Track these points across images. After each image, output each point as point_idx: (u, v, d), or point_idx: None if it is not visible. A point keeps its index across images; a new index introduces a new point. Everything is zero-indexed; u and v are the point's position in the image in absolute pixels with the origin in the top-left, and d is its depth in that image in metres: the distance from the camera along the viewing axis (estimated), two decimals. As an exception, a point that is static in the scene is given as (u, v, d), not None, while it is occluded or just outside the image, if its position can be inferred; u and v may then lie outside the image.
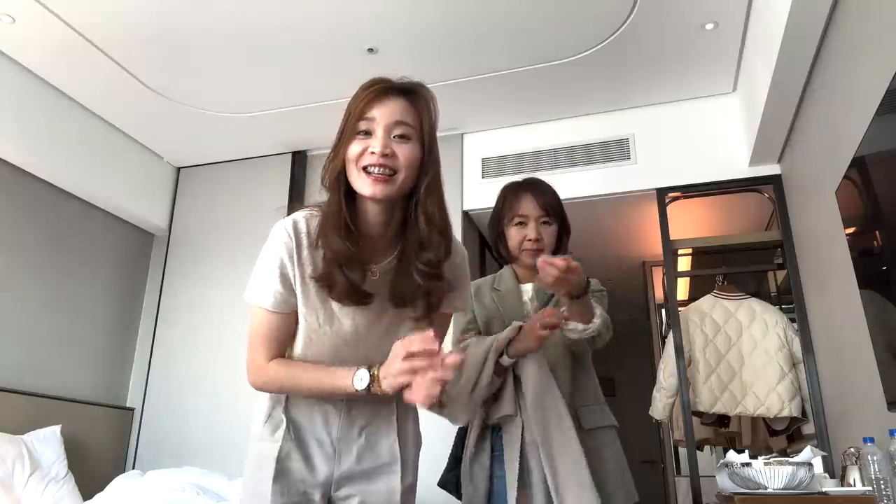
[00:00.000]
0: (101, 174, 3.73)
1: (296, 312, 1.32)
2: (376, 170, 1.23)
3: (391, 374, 1.18)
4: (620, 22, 2.92)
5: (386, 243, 1.34)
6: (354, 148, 1.26)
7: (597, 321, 1.69)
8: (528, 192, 1.92)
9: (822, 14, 2.24)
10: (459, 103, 3.56)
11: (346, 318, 1.32)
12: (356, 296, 1.27)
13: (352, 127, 1.27)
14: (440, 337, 1.41)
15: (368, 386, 1.22)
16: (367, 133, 1.26)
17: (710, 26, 2.93)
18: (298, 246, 1.28)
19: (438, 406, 1.29)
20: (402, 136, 1.25)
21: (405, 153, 1.25)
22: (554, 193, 1.94)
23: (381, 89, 1.27)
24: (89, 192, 3.69)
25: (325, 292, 1.29)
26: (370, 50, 3.11)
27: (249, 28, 2.95)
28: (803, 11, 2.21)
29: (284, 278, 1.29)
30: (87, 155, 3.63)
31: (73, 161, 3.54)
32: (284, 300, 1.30)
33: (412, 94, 1.30)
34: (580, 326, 1.68)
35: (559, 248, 1.91)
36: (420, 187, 1.28)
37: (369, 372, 1.22)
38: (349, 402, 1.36)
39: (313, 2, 2.79)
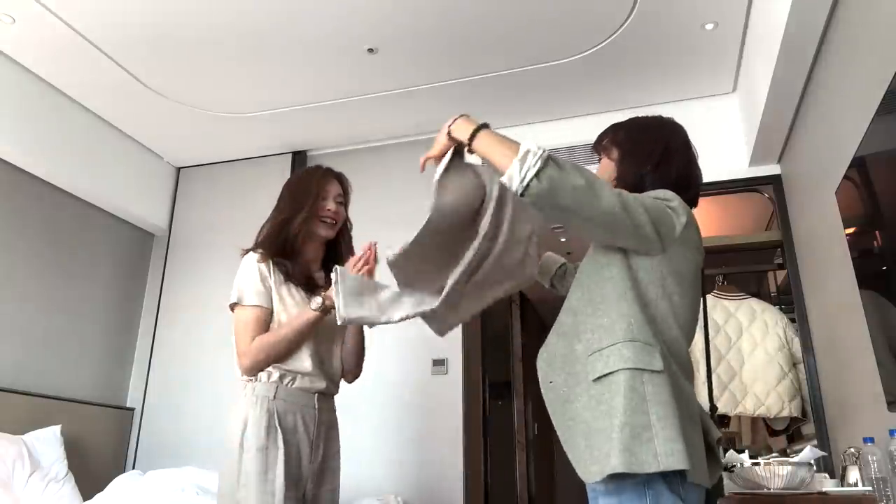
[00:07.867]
0: (102, 174, 3.73)
1: None
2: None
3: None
4: (620, 22, 2.92)
5: None
6: None
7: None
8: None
9: (822, 14, 2.24)
10: (459, 103, 3.55)
11: None
12: None
13: None
14: None
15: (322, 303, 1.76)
16: None
17: (710, 26, 2.93)
18: None
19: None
20: None
21: None
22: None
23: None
24: (89, 192, 3.69)
25: None
26: (370, 50, 3.11)
27: (249, 28, 2.95)
28: (803, 11, 2.21)
29: None
30: (87, 155, 3.63)
31: (73, 161, 3.54)
32: None
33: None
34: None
35: None
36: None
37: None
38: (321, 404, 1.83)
39: (313, 2, 2.79)
